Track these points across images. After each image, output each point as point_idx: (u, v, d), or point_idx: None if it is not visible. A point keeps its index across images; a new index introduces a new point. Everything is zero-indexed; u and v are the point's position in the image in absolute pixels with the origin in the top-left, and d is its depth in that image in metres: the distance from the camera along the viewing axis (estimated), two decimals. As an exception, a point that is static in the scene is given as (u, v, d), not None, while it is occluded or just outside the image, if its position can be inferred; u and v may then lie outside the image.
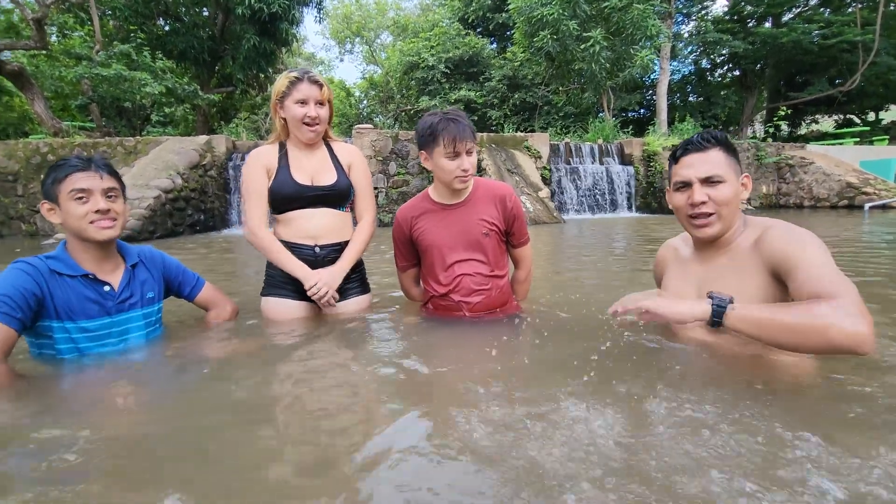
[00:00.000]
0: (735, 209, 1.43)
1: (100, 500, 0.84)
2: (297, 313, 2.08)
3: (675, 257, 1.66)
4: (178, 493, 0.85)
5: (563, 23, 12.76)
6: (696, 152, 1.44)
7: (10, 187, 9.57)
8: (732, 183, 1.41)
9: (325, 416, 1.20)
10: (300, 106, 1.96)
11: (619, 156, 12.40)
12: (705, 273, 1.49)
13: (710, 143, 1.43)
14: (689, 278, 1.55)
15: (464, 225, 2.00)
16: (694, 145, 1.44)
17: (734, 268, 1.42)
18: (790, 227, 1.35)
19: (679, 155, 1.48)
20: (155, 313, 1.84)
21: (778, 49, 17.85)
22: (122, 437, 1.11)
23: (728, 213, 1.41)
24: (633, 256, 4.50)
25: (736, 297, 1.32)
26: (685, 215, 1.48)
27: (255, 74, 15.57)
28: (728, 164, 1.41)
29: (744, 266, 1.39)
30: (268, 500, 0.84)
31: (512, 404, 1.17)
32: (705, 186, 1.41)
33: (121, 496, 0.86)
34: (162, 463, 0.98)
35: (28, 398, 1.33)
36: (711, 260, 1.50)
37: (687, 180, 1.44)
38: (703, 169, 1.41)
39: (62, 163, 1.63)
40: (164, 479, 0.91)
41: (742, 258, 1.40)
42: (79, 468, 0.93)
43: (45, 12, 11.05)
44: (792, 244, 1.28)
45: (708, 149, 1.43)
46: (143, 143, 9.80)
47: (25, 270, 1.53)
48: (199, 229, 9.14)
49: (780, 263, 1.29)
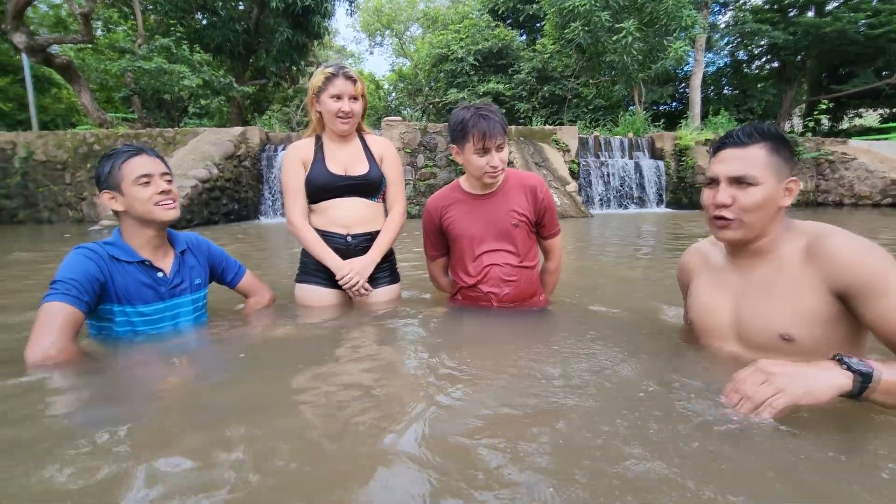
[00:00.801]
0: (765, 217, 1.26)
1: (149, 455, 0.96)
2: (328, 300, 2.19)
3: (706, 264, 1.50)
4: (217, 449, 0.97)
5: (594, 14, 12.55)
6: (734, 147, 1.28)
7: (58, 176, 10.08)
8: (768, 186, 1.24)
9: (349, 400, 1.25)
10: (335, 101, 2.05)
11: (649, 150, 12.19)
12: (744, 285, 1.34)
13: (754, 137, 1.26)
14: (725, 289, 1.39)
15: (494, 216, 2.02)
16: (733, 139, 1.28)
17: (783, 281, 1.25)
18: (855, 239, 1.17)
19: (717, 147, 1.34)
20: (202, 299, 1.95)
21: (821, 39, 17.11)
22: (169, 405, 1.24)
23: (754, 220, 1.25)
24: (662, 253, 4.49)
25: (788, 315, 1.20)
26: (708, 214, 1.36)
27: (287, 67, 15.88)
28: (769, 165, 1.24)
29: (795, 279, 1.22)
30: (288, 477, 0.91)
31: (536, 401, 1.19)
32: (733, 187, 1.26)
33: (164, 450, 0.98)
34: (199, 428, 1.10)
35: (94, 373, 1.47)
36: (751, 269, 1.34)
37: (715, 177, 1.30)
38: (734, 167, 1.26)
39: (114, 152, 1.70)
40: (201, 441, 1.03)
41: (791, 270, 1.24)
42: (129, 434, 1.06)
43: (92, 7, 11.52)
44: (868, 263, 1.11)
45: (748, 145, 1.26)
46: (181, 133, 10.16)
47: (89, 256, 1.62)
48: (233, 218, 9.45)
49: (853, 284, 1.12)
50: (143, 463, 0.93)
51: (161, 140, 10.06)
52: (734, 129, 1.30)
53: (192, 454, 0.96)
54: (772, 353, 1.23)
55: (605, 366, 1.41)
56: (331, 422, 1.13)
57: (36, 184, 10.05)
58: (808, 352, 1.19)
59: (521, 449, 0.97)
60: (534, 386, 1.28)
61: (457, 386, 1.29)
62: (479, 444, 0.99)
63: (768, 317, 1.26)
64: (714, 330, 1.41)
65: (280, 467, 0.92)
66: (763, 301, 1.27)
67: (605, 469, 0.89)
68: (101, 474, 0.89)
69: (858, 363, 1.02)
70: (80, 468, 0.91)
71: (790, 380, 1.00)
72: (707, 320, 1.43)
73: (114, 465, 0.92)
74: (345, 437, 1.05)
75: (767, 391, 1.00)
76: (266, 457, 0.95)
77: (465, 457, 0.95)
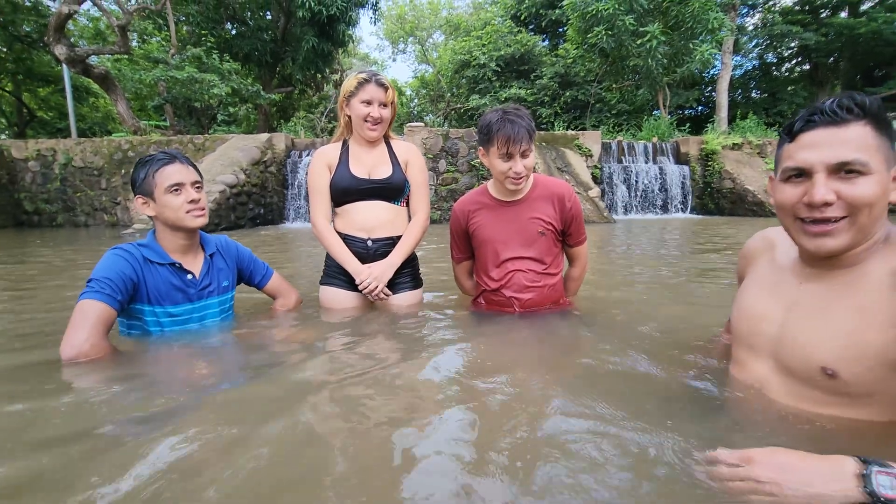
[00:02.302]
0: (877, 217, 0.96)
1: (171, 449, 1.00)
2: (350, 303, 2.23)
3: (771, 258, 1.21)
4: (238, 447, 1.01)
5: (618, 18, 12.43)
6: (827, 126, 0.95)
7: (94, 181, 10.48)
8: (881, 176, 0.93)
9: (367, 401, 1.26)
10: (365, 106, 2.09)
11: (674, 155, 11.98)
12: (804, 297, 1.06)
13: (855, 112, 0.93)
14: (780, 296, 1.12)
15: (520, 223, 2.02)
16: (825, 115, 0.95)
17: (852, 302, 0.97)
18: None
19: (799, 128, 0.99)
20: (229, 300, 2.01)
21: (854, 40, 16.60)
22: (194, 399, 1.28)
23: (867, 220, 0.95)
24: (688, 259, 4.41)
25: (841, 345, 0.95)
26: (795, 218, 1.02)
27: (312, 75, 16.20)
28: (878, 148, 0.93)
29: (870, 304, 0.94)
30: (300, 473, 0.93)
31: (552, 410, 1.18)
32: (835, 179, 0.95)
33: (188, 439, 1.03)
34: (218, 422, 1.13)
35: (123, 367, 1.52)
36: (820, 279, 1.05)
37: (806, 167, 0.97)
38: (835, 152, 0.93)
39: (149, 158, 1.76)
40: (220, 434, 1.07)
41: (869, 291, 0.95)
42: (154, 426, 1.11)
43: (129, 20, 12.01)
44: None
45: (848, 122, 0.93)
46: (210, 140, 10.47)
47: (124, 257, 1.69)
48: (258, 223, 9.66)
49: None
50: (168, 455, 0.96)
51: (191, 146, 10.38)
52: (821, 103, 0.97)
53: (214, 452, 1.00)
54: (807, 385, 1.02)
55: (629, 375, 1.40)
56: (350, 423, 1.14)
57: (74, 189, 10.48)
58: (852, 395, 0.96)
59: (538, 456, 0.97)
60: (553, 393, 1.28)
61: (476, 392, 1.29)
62: (498, 449, 0.99)
63: (816, 342, 1.00)
64: (753, 342, 1.16)
65: (302, 468, 0.94)
66: (817, 321, 1.01)
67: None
68: (127, 467, 0.93)
69: (888, 486, 0.69)
70: (106, 462, 0.95)
71: (782, 490, 0.75)
72: (746, 328, 1.18)
73: (139, 456, 0.96)
74: (363, 438, 1.06)
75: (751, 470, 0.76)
76: (288, 456, 0.98)
77: (484, 462, 0.96)
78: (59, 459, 0.97)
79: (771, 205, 1.12)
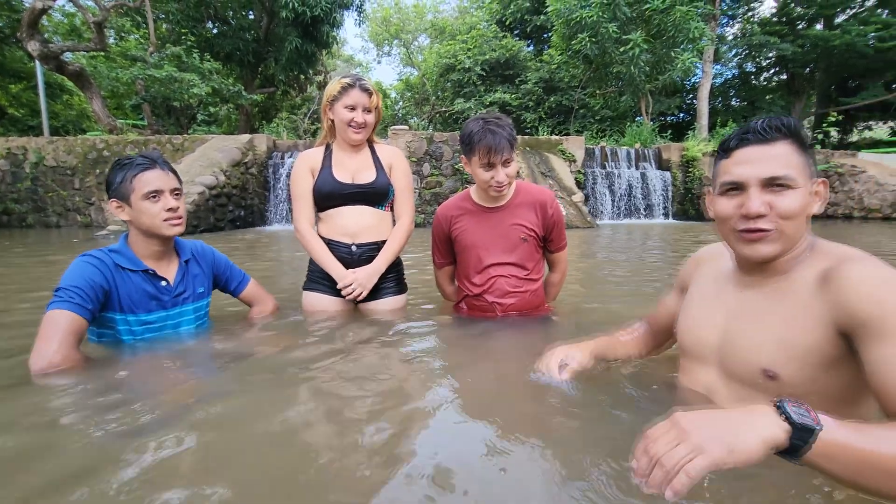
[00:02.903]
0: (802, 226, 1.05)
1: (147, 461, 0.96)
2: (333, 308, 2.19)
3: (715, 269, 1.28)
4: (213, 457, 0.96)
5: (602, 25, 12.60)
6: (757, 144, 1.05)
7: (68, 181, 10.18)
8: (803, 189, 1.03)
9: (347, 409, 1.25)
10: (349, 111, 2.06)
11: (656, 161, 12.16)
12: (740, 304, 1.14)
13: (780, 131, 1.04)
14: (722, 306, 1.19)
15: (502, 229, 2.04)
16: (756, 134, 1.05)
17: (784, 307, 1.05)
18: (885, 270, 0.94)
19: (732, 146, 1.09)
20: (204, 307, 1.95)
21: (829, 52, 17.10)
22: (168, 413, 1.22)
23: (793, 230, 1.04)
24: (668, 264, 4.45)
25: (778, 348, 1.02)
26: (732, 228, 1.10)
27: (295, 76, 16.05)
28: (800, 164, 1.04)
29: (800, 308, 1.02)
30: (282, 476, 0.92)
31: (533, 413, 1.20)
32: (766, 192, 1.04)
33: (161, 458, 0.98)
34: (193, 428, 1.11)
35: (97, 379, 1.45)
36: (757, 287, 1.13)
37: (742, 181, 1.06)
38: (766, 167, 1.03)
39: (128, 161, 1.69)
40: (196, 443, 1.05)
41: (798, 296, 1.04)
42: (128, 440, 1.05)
43: (105, 16, 11.71)
44: (890, 305, 0.89)
45: (775, 140, 1.04)
46: (189, 140, 10.26)
47: (94, 264, 1.62)
48: (239, 225, 9.49)
49: (864, 320, 0.91)
50: (142, 469, 0.93)
51: (170, 146, 10.15)
52: (750, 124, 1.07)
53: (189, 462, 0.96)
54: (752, 388, 1.08)
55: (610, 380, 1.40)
56: (329, 430, 1.13)
57: (45, 189, 10.16)
58: (793, 394, 1.00)
59: (518, 458, 0.98)
60: (531, 398, 1.29)
61: (457, 397, 1.30)
62: (477, 455, 1.00)
63: (755, 346, 1.07)
64: (698, 352, 1.22)
65: (277, 476, 0.92)
66: (755, 327, 1.08)
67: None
68: (97, 480, 0.89)
69: (802, 413, 0.77)
70: (76, 476, 0.91)
71: (708, 436, 0.75)
72: (690, 339, 1.24)
73: (111, 471, 0.92)
74: (341, 446, 1.05)
75: (680, 453, 0.74)
76: (263, 465, 0.96)
77: (464, 468, 0.96)
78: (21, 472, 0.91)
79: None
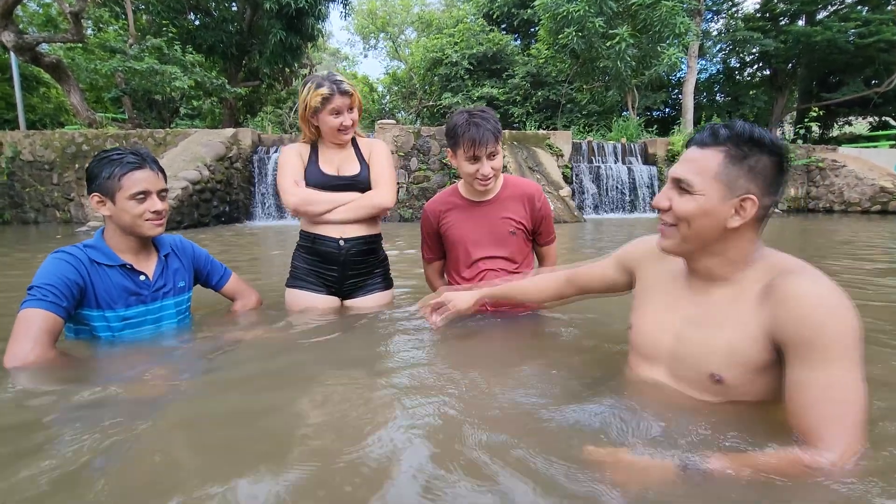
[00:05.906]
0: (703, 233, 1.07)
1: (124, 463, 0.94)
2: (318, 305, 2.15)
3: (672, 268, 1.26)
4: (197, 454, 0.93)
5: (588, 19, 12.63)
6: (696, 146, 1.10)
7: (46, 176, 9.94)
8: (708, 200, 1.04)
9: (332, 405, 1.24)
10: (334, 117, 2.02)
11: (642, 155, 12.25)
12: (694, 309, 1.16)
13: (717, 140, 1.05)
14: (676, 311, 1.20)
15: (491, 222, 2.03)
16: (700, 137, 1.10)
17: (729, 316, 1.09)
18: (824, 289, 0.96)
19: (687, 143, 1.17)
20: (185, 302, 1.91)
21: (811, 48, 17.34)
22: (146, 412, 1.19)
23: (689, 233, 1.08)
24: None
25: (724, 354, 1.07)
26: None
27: (280, 69, 15.80)
28: (719, 176, 1.04)
29: (743, 317, 1.06)
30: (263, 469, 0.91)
31: (522, 408, 1.19)
32: (674, 190, 1.10)
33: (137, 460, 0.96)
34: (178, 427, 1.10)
35: (73, 380, 1.41)
36: (704, 293, 1.15)
37: (669, 176, 1.13)
38: (680, 168, 1.09)
39: (116, 157, 1.62)
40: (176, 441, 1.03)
41: (743, 305, 1.07)
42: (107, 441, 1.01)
43: (83, 6, 11.39)
44: (822, 322, 0.92)
45: (708, 146, 1.06)
46: (172, 135, 10.07)
47: (68, 261, 1.57)
48: (224, 220, 9.36)
49: (793, 344, 0.95)
50: (119, 470, 0.91)
51: (152, 141, 9.96)
52: (709, 125, 1.10)
53: (169, 460, 0.95)
54: (698, 390, 1.12)
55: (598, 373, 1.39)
56: (315, 428, 1.11)
57: (22, 184, 9.92)
58: (737, 397, 1.09)
59: (506, 451, 0.98)
60: (520, 392, 1.29)
61: (444, 392, 1.29)
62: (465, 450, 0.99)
63: (706, 354, 1.10)
64: (650, 353, 1.24)
65: (260, 476, 0.90)
66: (708, 334, 1.11)
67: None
68: (71, 481, 0.87)
69: (696, 465, 0.88)
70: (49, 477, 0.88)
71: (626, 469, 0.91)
72: (646, 339, 1.26)
73: (86, 471, 0.90)
74: (330, 439, 1.04)
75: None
76: (248, 461, 0.94)
77: (452, 463, 0.95)
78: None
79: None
